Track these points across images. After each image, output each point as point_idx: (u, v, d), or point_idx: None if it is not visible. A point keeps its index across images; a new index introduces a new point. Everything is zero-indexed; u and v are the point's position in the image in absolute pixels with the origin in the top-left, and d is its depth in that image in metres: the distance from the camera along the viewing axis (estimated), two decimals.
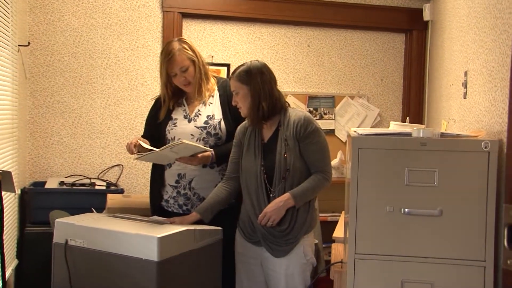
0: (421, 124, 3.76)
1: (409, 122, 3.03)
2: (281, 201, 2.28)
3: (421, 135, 1.96)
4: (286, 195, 2.29)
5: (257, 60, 2.42)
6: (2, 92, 2.81)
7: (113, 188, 3.43)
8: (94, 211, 2.73)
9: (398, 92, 4.08)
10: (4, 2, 2.76)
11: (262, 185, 2.33)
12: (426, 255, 1.90)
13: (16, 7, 3.05)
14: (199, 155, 2.49)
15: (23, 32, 3.35)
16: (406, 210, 1.90)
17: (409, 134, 2.01)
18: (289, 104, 2.45)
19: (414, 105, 3.98)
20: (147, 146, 2.51)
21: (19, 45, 3.16)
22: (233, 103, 2.42)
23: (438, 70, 3.42)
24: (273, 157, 2.33)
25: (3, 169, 2.47)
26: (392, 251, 1.92)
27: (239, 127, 2.51)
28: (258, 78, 2.34)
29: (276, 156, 2.32)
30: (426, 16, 3.74)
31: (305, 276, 2.35)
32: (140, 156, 2.51)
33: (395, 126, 2.61)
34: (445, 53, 3.17)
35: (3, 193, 2.03)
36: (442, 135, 2.01)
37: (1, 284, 2.08)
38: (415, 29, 3.93)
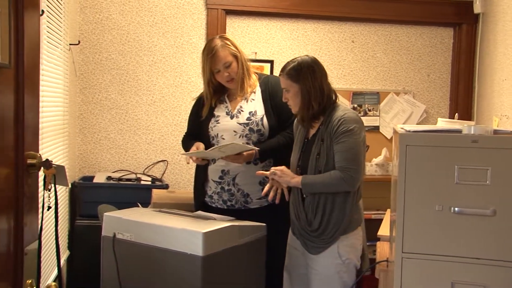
0: (470, 120, 3.65)
1: (458, 119, 2.94)
2: (293, 179, 2.29)
3: (472, 132, 1.89)
4: (300, 177, 2.28)
5: (307, 56, 2.35)
6: (55, 89, 2.90)
7: (158, 183, 3.49)
8: (140, 205, 2.78)
9: (445, 88, 3.97)
10: (57, 3, 2.85)
11: None
12: (479, 256, 1.83)
13: (68, 7, 3.14)
14: (245, 153, 2.50)
15: (74, 31, 3.45)
16: (456, 209, 1.84)
17: (459, 131, 1.95)
18: (337, 98, 2.38)
19: (463, 101, 3.86)
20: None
21: (70, 44, 3.25)
22: (283, 100, 2.38)
23: (489, 64, 3.30)
24: (308, 156, 2.32)
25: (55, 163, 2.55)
26: (442, 251, 1.86)
27: (296, 119, 2.50)
28: (309, 76, 2.28)
29: (310, 156, 2.30)
30: (477, 8, 3.61)
31: (341, 277, 2.30)
32: (187, 153, 2.57)
33: (443, 123, 2.54)
34: (498, 46, 3.06)
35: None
36: (495, 132, 1.94)
37: (56, 271, 2.16)
38: (464, 23, 3.80)
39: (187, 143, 2.72)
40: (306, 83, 2.28)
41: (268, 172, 2.38)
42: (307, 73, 2.28)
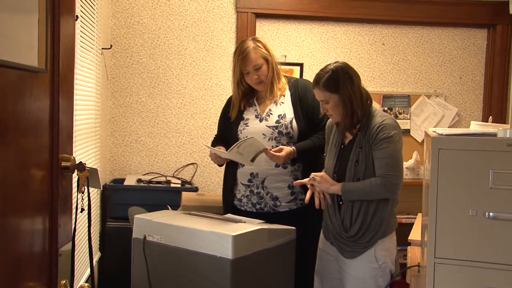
0: (505, 124, 3.56)
1: (492, 122, 2.88)
2: (332, 186, 2.25)
3: (508, 136, 1.85)
4: (340, 185, 2.24)
5: (337, 62, 2.29)
6: (88, 93, 2.96)
7: (188, 186, 3.52)
8: (169, 208, 2.81)
9: (478, 91, 3.89)
10: (91, 8, 2.91)
11: None
12: None
13: (100, 12, 3.20)
14: (284, 152, 2.47)
15: (106, 36, 3.51)
16: (491, 214, 1.80)
17: (493, 135, 1.91)
18: (371, 103, 2.34)
19: (496, 104, 3.77)
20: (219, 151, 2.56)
21: (102, 48, 3.31)
22: (322, 111, 2.32)
23: None
24: (345, 163, 2.29)
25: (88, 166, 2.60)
26: (476, 257, 1.82)
27: (328, 122, 2.47)
28: (347, 83, 2.22)
29: (348, 163, 2.27)
30: None
31: (377, 281, 2.27)
32: (210, 146, 2.59)
33: (476, 126, 2.48)
34: None
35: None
36: None
37: (89, 272, 2.20)
38: (499, 24, 3.72)
39: (213, 146, 2.74)
40: (346, 92, 2.22)
41: (306, 180, 2.35)
42: (345, 81, 2.22)
